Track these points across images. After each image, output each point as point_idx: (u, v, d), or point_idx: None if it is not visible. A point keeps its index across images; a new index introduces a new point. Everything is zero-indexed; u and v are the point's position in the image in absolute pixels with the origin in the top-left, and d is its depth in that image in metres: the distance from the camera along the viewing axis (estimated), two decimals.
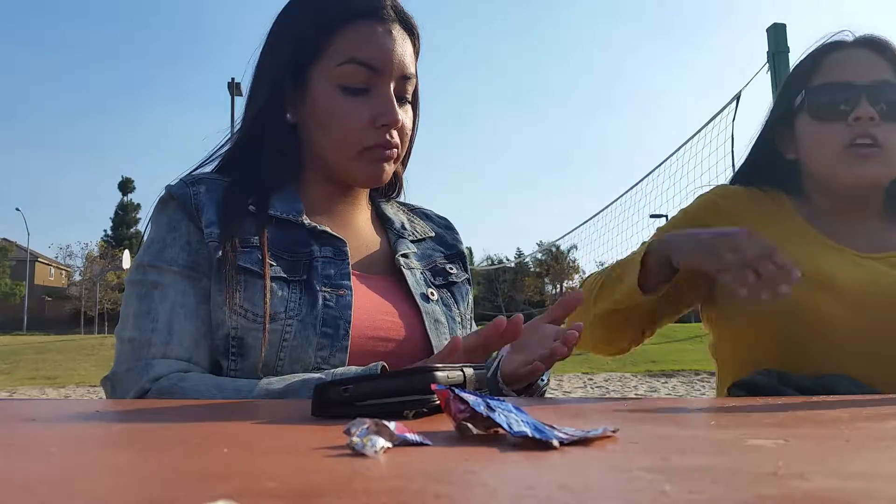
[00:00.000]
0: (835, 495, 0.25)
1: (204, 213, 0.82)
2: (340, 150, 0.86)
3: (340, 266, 0.84)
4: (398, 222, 0.99)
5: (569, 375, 11.17)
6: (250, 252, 0.80)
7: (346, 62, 0.84)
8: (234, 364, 0.79)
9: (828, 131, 1.02)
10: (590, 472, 0.30)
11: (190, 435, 0.43)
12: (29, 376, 11.81)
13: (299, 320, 0.79)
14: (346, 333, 0.80)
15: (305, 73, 0.86)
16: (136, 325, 0.80)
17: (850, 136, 1.00)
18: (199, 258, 0.82)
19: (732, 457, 0.34)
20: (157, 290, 0.80)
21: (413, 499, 0.25)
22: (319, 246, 0.85)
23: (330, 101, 0.85)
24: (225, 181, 0.88)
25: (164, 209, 0.85)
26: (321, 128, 0.86)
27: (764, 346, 1.00)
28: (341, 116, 0.85)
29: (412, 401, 0.49)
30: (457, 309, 0.94)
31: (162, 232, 0.84)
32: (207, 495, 0.25)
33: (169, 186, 0.87)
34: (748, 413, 0.53)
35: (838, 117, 1.01)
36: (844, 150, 1.00)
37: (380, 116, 0.85)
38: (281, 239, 0.83)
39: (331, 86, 0.85)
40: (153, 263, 0.82)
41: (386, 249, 0.94)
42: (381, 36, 0.85)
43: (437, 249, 0.99)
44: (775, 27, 3.24)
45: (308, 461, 0.33)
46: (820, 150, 1.04)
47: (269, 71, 0.89)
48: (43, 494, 0.26)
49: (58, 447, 0.39)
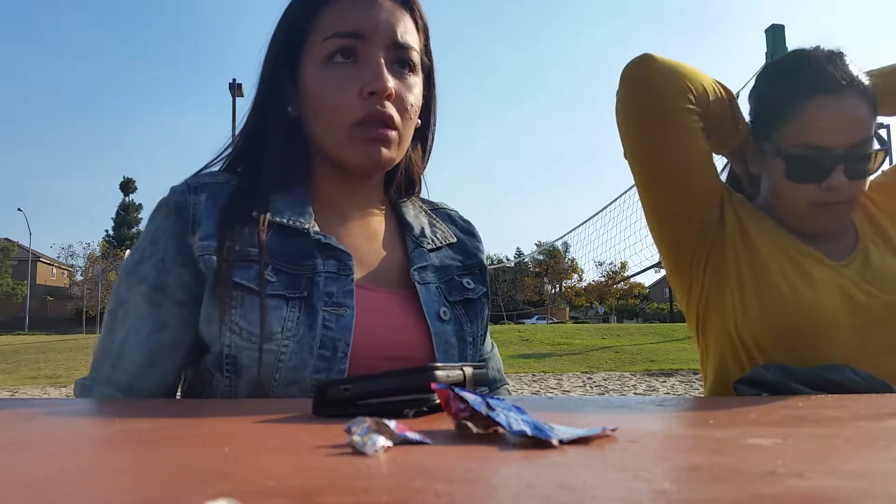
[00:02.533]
0: (834, 494, 0.25)
1: (201, 226, 0.79)
2: (332, 129, 0.81)
3: (344, 283, 0.79)
4: (418, 227, 0.92)
5: (568, 375, 11.17)
6: (249, 267, 0.76)
7: (330, 37, 0.80)
8: (228, 381, 0.76)
9: (799, 188, 1.03)
10: (589, 471, 0.30)
11: (190, 434, 0.43)
12: (31, 376, 11.81)
13: (296, 341, 0.75)
14: (344, 356, 0.76)
15: (298, 61, 0.84)
16: (101, 340, 0.81)
17: (820, 198, 1.01)
18: (168, 278, 0.79)
19: (731, 456, 0.34)
20: (122, 308, 0.80)
21: (413, 497, 0.25)
22: (323, 259, 0.80)
23: (316, 79, 0.81)
24: (231, 184, 0.84)
25: (156, 216, 0.83)
26: (313, 111, 0.82)
27: (758, 343, 1.01)
28: (328, 92, 0.80)
29: (412, 400, 0.49)
30: (469, 328, 0.88)
31: (145, 242, 0.82)
32: (208, 494, 0.25)
33: (171, 191, 0.83)
34: (747, 412, 0.53)
35: (812, 179, 1.01)
36: (810, 206, 1.03)
37: (367, 84, 0.78)
38: (282, 249, 0.79)
39: (317, 65, 0.81)
40: (127, 276, 0.81)
41: (401, 259, 0.88)
42: (364, 4, 0.81)
43: (455, 259, 0.93)
44: (773, 28, 3.25)
45: (309, 460, 0.33)
46: (787, 200, 1.06)
47: (267, 66, 0.87)
48: (43, 494, 0.26)
49: (59, 447, 0.39)
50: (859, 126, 1.00)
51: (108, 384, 0.78)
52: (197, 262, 0.78)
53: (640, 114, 1.04)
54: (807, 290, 0.99)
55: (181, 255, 0.79)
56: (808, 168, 1.01)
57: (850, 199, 1.02)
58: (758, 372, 0.92)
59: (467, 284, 0.91)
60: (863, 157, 1.00)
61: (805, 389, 0.86)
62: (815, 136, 1.00)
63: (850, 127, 0.99)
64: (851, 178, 1.00)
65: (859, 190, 1.02)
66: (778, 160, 1.04)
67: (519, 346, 15.30)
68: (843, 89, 0.99)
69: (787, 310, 0.99)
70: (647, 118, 1.03)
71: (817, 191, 1.01)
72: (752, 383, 0.91)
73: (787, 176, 1.03)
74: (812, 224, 1.05)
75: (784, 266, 1.02)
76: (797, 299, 0.99)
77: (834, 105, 0.99)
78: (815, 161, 1.00)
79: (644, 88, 1.02)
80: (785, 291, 1.00)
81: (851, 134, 0.99)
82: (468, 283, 0.92)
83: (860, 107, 1.00)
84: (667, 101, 1.01)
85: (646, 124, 1.04)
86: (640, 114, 1.04)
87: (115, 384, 0.78)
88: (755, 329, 1.01)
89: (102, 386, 0.79)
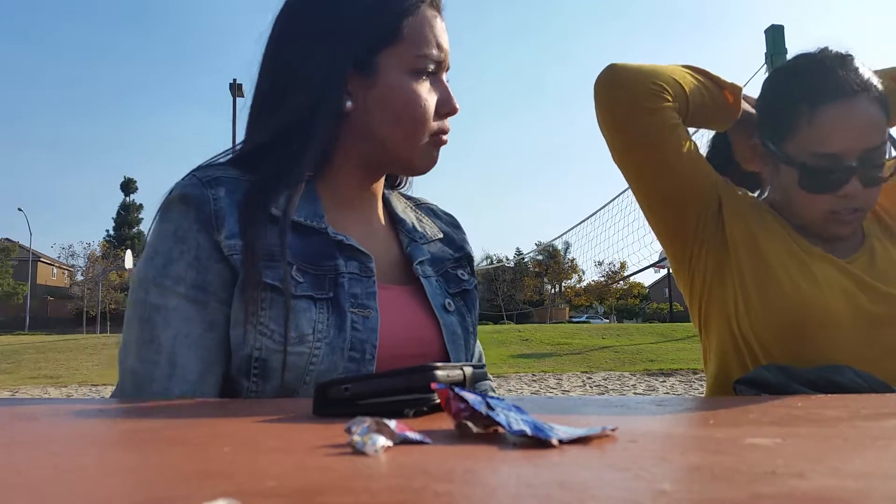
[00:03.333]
0: (833, 494, 0.26)
1: (225, 223, 0.75)
2: (413, 138, 0.84)
3: (366, 284, 0.79)
4: (409, 222, 0.94)
5: (567, 374, 11.17)
6: (276, 267, 0.74)
7: (424, 55, 0.83)
8: (254, 386, 0.74)
9: (814, 198, 1.01)
10: (589, 471, 0.30)
11: (191, 434, 0.43)
12: (31, 376, 11.81)
13: (327, 343, 0.74)
14: (372, 358, 0.76)
15: (375, 57, 0.82)
16: (138, 354, 0.74)
17: (837, 205, 1.00)
18: (208, 276, 0.75)
19: (731, 455, 0.34)
20: (160, 315, 0.74)
21: (413, 497, 0.25)
22: (345, 260, 0.79)
23: (405, 89, 0.82)
24: (245, 179, 0.80)
25: (172, 214, 0.76)
26: (395, 116, 0.83)
27: (761, 340, 1.01)
28: (419, 104, 0.83)
29: (412, 399, 0.49)
30: (470, 318, 0.91)
31: (168, 242, 0.75)
32: (209, 494, 0.25)
33: (182, 185, 0.78)
34: (747, 412, 0.53)
35: (827, 189, 1.00)
36: (827, 214, 1.02)
37: (444, 104, 0.86)
38: (303, 249, 0.78)
39: (405, 74, 0.83)
40: (157, 281, 0.75)
41: (400, 254, 0.90)
42: (440, 25, 0.85)
43: (445, 252, 0.95)
44: (773, 29, 3.25)
45: (309, 460, 0.33)
46: (802, 209, 1.04)
47: (333, 53, 0.81)
48: (44, 494, 0.26)
49: (60, 446, 0.39)
50: (874, 132, 0.98)
51: (167, 396, 0.73)
52: (229, 260, 0.75)
53: (617, 122, 1.06)
54: (809, 287, 0.99)
55: (216, 252, 0.75)
56: (824, 177, 0.99)
57: (866, 207, 1.01)
58: (758, 372, 0.92)
59: (462, 276, 0.94)
60: (878, 164, 0.98)
61: (806, 390, 0.86)
62: (830, 144, 0.98)
63: (865, 133, 0.97)
64: (867, 185, 0.98)
65: (875, 196, 1.01)
66: (790, 169, 1.03)
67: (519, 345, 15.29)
68: (855, 94, 0.98)
69: (788, 307, 0.98)
70: (625, 125, 1.05)
71: (833, 199, 1.00)
72: (752, 384, 0.91)
73: (801, 185, 1.01)
74: (827, 231, 1.04)
75: (787, 263, 1.02)
76: (799, 297, 0.98)
77: (848, 112, 0.97)
78: (831, 170, 0.98)
79: (615, 98, 1.04)
80: (787, 288, 0.99)
81: (866, 141, 0.97)
82: (462, 274, 0.94)
83: (874, 112, 0.98)
84: (639, 106, 1.02)
85: (625, 130, 1.06)
86: (617, 122, 1.06)
87: (179, 393, 0.73)
88: (756, 325, 1.01)
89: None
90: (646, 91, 1.02)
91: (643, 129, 1.03)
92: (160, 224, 0.78)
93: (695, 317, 1.15)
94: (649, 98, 1.02)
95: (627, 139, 1.06)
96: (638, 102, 1.02)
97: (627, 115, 1.04)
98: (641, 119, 1.03)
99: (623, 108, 1.04)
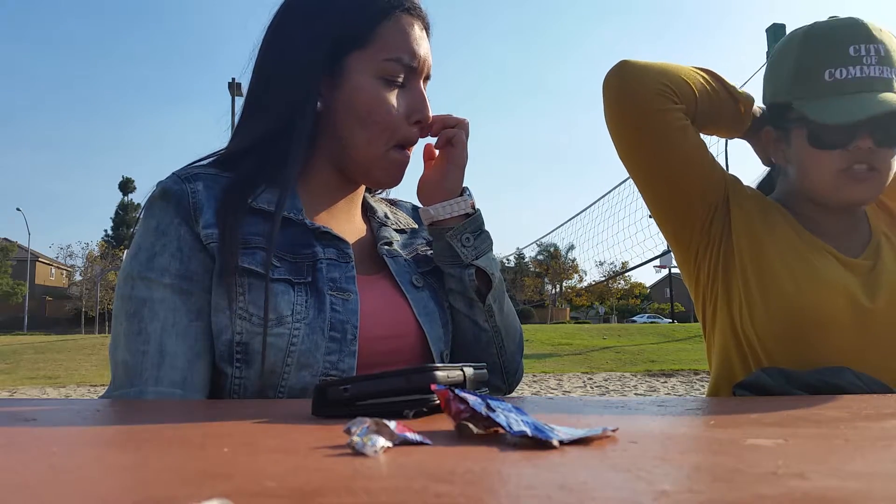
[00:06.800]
0: (834, 495, 0.25)
1: (202, 214, 0.78)
2: (374, 144, 0.85)
3: (345, 269, 0.82)
4: (381, 212, 0.98)
5: (568, 375, 11.17)
6: (253, 253, 0.77)
7: (393, 59, 0.83)
8: (238, 372, 0.76)
9: (825, 156, 1.01)
10: (589, 472, 0.30)
11: (190, 434, 0.43)
12: (29, 376, 11.81)
13: (307, 324, 0.76)
14: (353, 338, 0.78)
15: (344, 59, 0.84)
16: (128, 346, 0.76)
17: (848, 162, 0.99)
18: (191, 266, 0.77)
19: (732, 456, 0.34)
20: (147, 307, 0.76)
21: (413, 498, 0.25)
22: (322, 247, 0.82)
23: (373, 93, 0.83)
24: (223, 176, 0.83)
25: (154, 210, 0.80)
26: (358, 119, 0.84)
27: (763, 342, 1.01)
28: (384, 109, 0.83)
29: (412, 400, 0.49)
30: (445, 296, 0.91)
31: (150, 238, 0.78)
32: (207, 495, 0.25)
33: (162, 183, 0.81)
34: (748, 413, 0.53)
35: (837, 145, 0.99)
36: (839, 174, 1.00)
37: (415, 112, 0.86)
38: (282, 239, 0.80)
39: (372, 78, 0.83)
40: (142, 275, 0.77)
41: (371, 241, 0.93)
42: (416, 33, 0.86)
43: (418, 236, 0.98)
44: (774, 28, 3.26)
45: (308, 461, 0.33)
46: (814, 171, 1.03)
47: (307, 55, 0.84)
48: (43, 494, 0.26)
49: (58, 447, 0.39)
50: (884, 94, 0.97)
51: (158, 384, 0.74)
52: (209, 249, 0.78)
53: (624, 121, 1.05)
54: (811, 287, 0.99)
55: (197, 242, 0.78)
56: (833, 132, 0.99)
57: (882, 169, 1.00)
58: (758, 376, 0.91)
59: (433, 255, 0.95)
60: (888, 121, 0.97)
61: (805, 395, 0.86)
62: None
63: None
64: (879, 144, 0.98)
65: (888, 160, 1.00)
66: (800, 131, 1.03)
67: None
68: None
69: (789, 307, 0.98)
70: (632, 124, 1.05)
71: (844, 156, 0.99)
72: (752, 388, 0.91)
73: (811, 142, 1.01)
74: (844, 196, 1.01)
75: (790, 262, 1.01)
76: (800, 297, 0.98)
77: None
78: (843, 126, 0.98)
79: (623, 96, 1.04)
80: (788, 288, 0.99)
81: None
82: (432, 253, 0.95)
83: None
84: (647, 105, 1.02)
85: (631, 130, 1.05)
86: (624, 121, 1.05)
87: (169, 381, 0.74)
88: (758, 325, 1.00)
89: (153, 387, 0.74)
90: (653, 91, 1.02)
91: (650, 129, 1.03)
92: (143, 221, 0.81)
93: (700, 314, 1.15)
94: (657, 99, 1.02)
95: (633, 138, 1.06)
96: (645, 103, 1.02)
97: (634, 114, 1.04)
98: (648, 119, 1.03)
99: (630, 108, 1.04)
